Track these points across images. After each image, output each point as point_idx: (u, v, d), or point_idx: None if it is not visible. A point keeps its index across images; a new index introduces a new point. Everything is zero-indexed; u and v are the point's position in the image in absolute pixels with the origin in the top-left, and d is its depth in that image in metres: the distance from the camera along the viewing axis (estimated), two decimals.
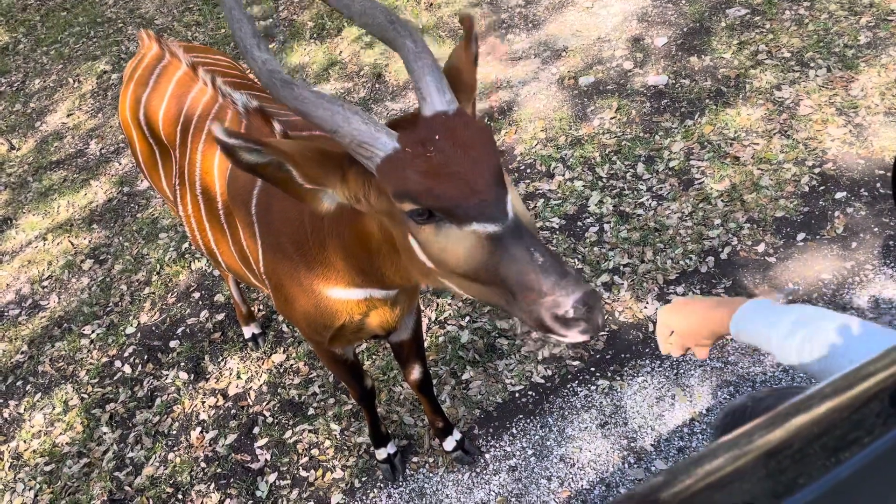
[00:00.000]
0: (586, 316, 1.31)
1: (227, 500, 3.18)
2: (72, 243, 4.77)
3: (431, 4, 5.89)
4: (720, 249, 3.56)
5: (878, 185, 3.63)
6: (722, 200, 3.75)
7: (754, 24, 4.74)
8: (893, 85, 4.05)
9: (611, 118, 4.43)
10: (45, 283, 4.57)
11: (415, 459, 3.14)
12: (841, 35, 4.44)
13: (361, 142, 1.37)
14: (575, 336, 1.34)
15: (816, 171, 3.76)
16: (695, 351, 1.57)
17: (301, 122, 2.10)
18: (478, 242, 1.36)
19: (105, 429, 3.58)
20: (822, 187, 3.69)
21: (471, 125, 1.40)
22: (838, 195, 3.64)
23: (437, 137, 1.36)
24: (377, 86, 5.31)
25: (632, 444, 2.99)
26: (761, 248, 3.52)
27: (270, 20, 5.87)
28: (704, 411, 3.02)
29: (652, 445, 2.97)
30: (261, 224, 2.08)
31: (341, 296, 1.99)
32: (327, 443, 3.27)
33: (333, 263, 1.90)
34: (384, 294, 2.01)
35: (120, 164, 5.36)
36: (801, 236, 3.52)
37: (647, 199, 3.87)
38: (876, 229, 3.47)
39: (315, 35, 5.97)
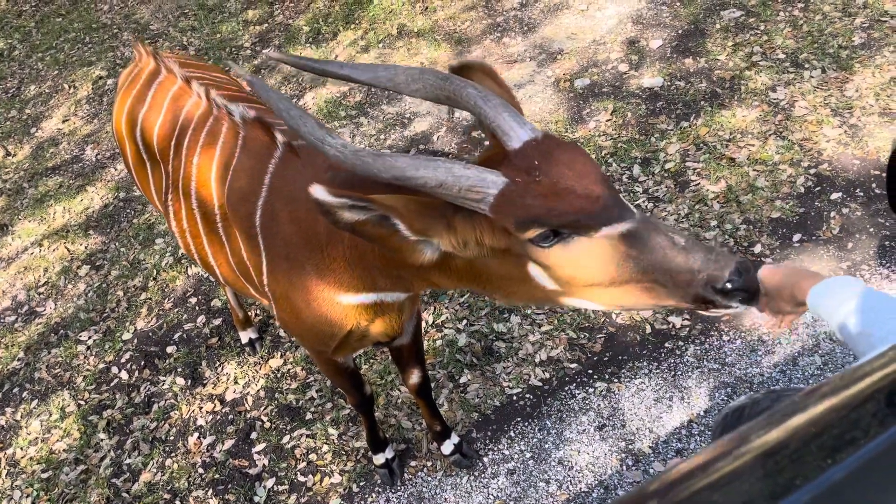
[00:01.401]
0: (745, 284, 1.36)
1: None
2: (68, 249, 4.77)
3: (427, 8, 5.90)
4: None
5: (874, 185, 3.64)
6: (718, 202, 3.76)
7: (749, 25, 4.76)
8: (888, 85, 4.06)
9: (606, 120, 4.44)
10: (42, 290, 4.56)
11: (413, 463, 3.13)
12: (835, 36, 4.45)
13: (470, 187, 1.40)
14: (738, 306, 1.38)
15: (812, 171, 3.77)
16: (776, 322, 1.59)
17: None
18: (612, 245, 1.39)
19: (102, 435, 3.57)
20: (817, 188, 3.70)
21: (563, 144, 1.45)
22: (834, 196, 3.64)
23: (536, 163, 1.40)
24: (373, 90, 5.31)
25: (630, 447, 2.99)
26: (757, 248, 3.52)
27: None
28: (702, 413, 3.02)
29: (650, 447, 2.97)
30: (266, 235, 2.06)
31: (351, 301, 1.98)
32: (325, 447, 3.27)
33: (348, 270, 1.89)
34: (395, 297, 2.00)
35: (116, 169, 5.35)
36: (797, 237, 3.53)
37: (644, 201, 3.88)
38: (872, 230, 3.47)
39: (311, 39, 5.98)
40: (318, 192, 1.35)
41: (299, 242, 1.96)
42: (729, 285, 1.35)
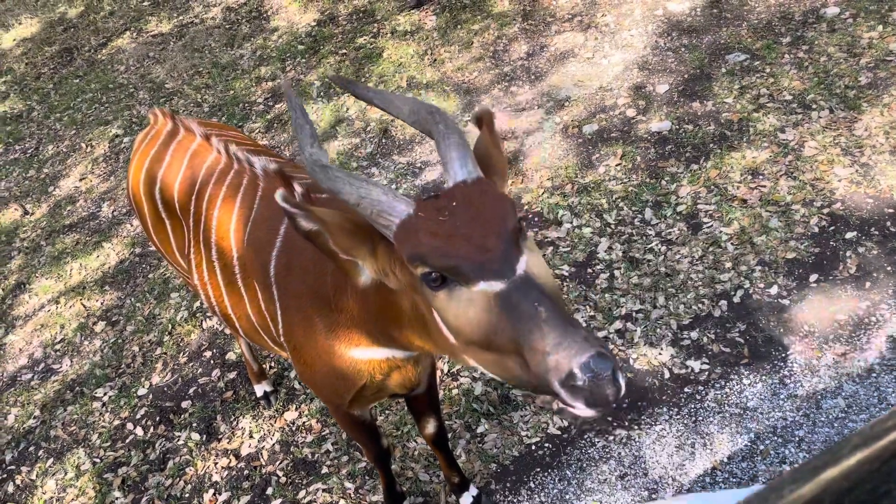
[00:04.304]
0: (592, 385, 1.17)
1: None
2: (84, 306, 4.79)
3: (435, 60, 6.00)
4: (733, 293, 3.53)
5: (888, 223, 3.61)
6: (732, 244, 3.74)
7: (754, 68, 4.80)
8: None
9: (616, 165, 4.46)
10: (58, 347, 4.57)
11: None
12: (841, 76, 4.48)
13: (381, 211, 1.42)
14: (581, 408, 1.20)
15: (825, 211, 3.76)
16: None
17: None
18: (486, 302, 1.32)
19: (117, 493, 3.53)
20: (832, 227, 3.68)
21: (487, 192, 1.42)
22: (848, 235, 3.62)
23: (453, 204, 1.40)
24: (384, 140, 5.38)
25: (653, 496, 2.92)
26: (774, 290, 3.49)
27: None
28: (726, 459, 2.96)
29: (673, 497, 2.90)
30: (280, 286, 2.07)
31: (363, 356, 1.98)
32: (342, 502, 3.21)
33: (355, 325, 1.89)
34: (406, 354, 1.99)
35: (132, 225, 5.41)
36: (813, 277, 3.50)
37: (657, 244, 3.87)
38: (889, 268, 3.44)
39: (322, 94, 6.09)
40: (278, 196, 1.41)
41: (308, 294, 1.97)
42: (577, 380, 1.16)
